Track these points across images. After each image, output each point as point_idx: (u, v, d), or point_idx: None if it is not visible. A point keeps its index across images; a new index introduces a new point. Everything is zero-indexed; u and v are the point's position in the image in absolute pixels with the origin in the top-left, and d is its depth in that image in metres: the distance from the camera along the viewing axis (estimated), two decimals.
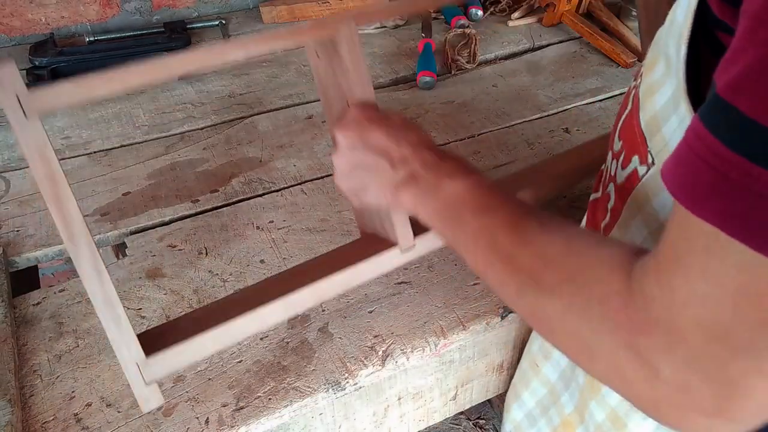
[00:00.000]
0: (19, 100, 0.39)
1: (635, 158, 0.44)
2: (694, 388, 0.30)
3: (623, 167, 0.46)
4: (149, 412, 0.58)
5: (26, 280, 0.74)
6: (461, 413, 1.46)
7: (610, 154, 0.51)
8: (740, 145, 0.26)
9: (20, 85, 0.39)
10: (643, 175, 0.42)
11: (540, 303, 0.38)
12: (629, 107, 0.47)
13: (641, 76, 0.47)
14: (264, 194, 0.83)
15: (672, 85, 0.40)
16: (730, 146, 0.26)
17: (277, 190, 0.83)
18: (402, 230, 0.56)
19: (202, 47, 0.59)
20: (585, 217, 0.60)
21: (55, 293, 0.69)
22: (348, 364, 0.63)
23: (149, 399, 0.48)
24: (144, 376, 0.48)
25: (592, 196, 0.56)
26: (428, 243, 0.59)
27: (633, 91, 0.49)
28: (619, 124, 0.49)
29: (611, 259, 0.35)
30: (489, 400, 1.47)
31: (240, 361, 0.63)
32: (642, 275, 0.32)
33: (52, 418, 0.57)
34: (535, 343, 0.67)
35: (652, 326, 0.31)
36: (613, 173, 0.49)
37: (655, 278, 0.31)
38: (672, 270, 0.30)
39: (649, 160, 0.41)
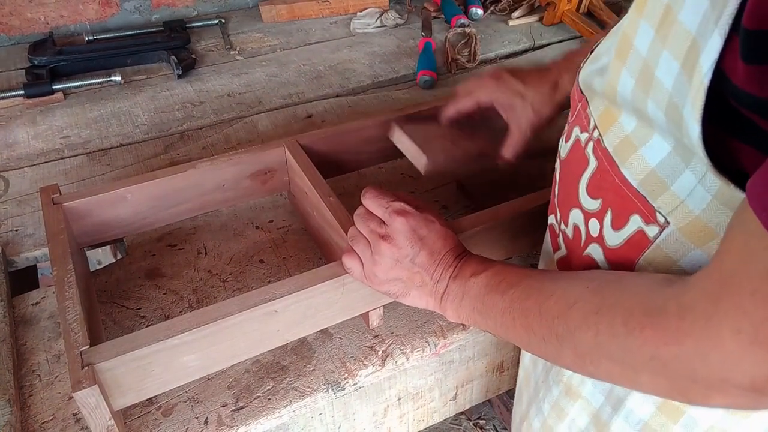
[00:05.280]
0: None
1: (635, 218, 0.41)
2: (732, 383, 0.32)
3: (617, 228, 0.43)
4: (148, 412, 0.58)
5: (25, 279, 0.73)
6: (461, 413, 1.46)
7: (576, 212, 0.48)
8: None
9: None
10: (656, 236, 0.40)
11: (578, 343, 0.41)
12: (593, 164, 0.45)
13: (594, 130, 0.45)
14: None
15: (665, 142, 0.38)
16: None
17: None
18: None
19: None
20: None
21: (54, 293, 0.68)
22: (347, 364, 0.63)
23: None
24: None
25: (557, 255, 0.53)
26: None
27: (587, 146, 0.46)
28: (583, 181, 0.47)
29: (633, 286, 0.39)
30: (489, 400, 1.47)
31: (239, 361, 0.62)
32: (681, 293, 0.35)
33: (51, 418, 0.57)
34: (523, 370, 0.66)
35: (683, 335, 0.33)
36: (596, 234, 0.46)
37: (698, 294, 0.33)
38: (720, 287, 0.32)
39: (660, 220, 0.39)
